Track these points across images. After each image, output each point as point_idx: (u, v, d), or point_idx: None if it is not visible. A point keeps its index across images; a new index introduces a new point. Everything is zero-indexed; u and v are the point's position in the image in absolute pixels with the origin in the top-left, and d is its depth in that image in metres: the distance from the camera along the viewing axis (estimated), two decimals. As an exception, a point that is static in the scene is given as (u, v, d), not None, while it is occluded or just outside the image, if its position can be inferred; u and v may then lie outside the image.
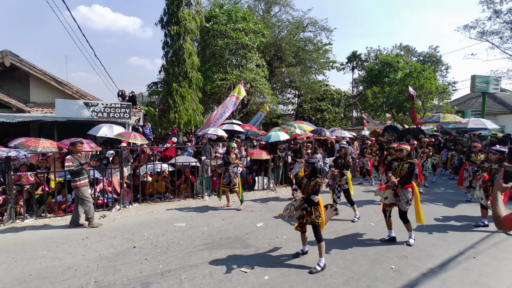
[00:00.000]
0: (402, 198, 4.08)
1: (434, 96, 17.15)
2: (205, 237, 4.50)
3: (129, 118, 9.95)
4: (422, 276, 3.25)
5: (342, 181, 5.27)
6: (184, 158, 7.61)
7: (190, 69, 9.85)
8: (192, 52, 9.96)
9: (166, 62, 10.14)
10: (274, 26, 21.70)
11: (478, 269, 3.41)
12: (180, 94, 9.62)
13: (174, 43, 9.66)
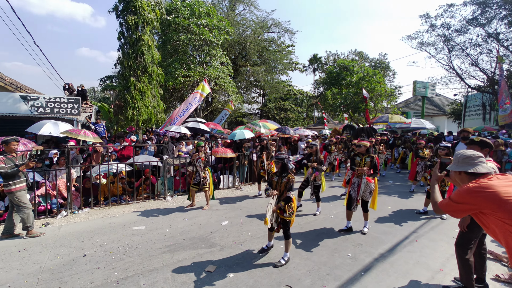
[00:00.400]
0: (366, 188, 4.40)
1: (384, 99, 18.96)
2: (167, 239, 4.28)
3: (78, 114, 8.98)
4: (374, 261, 3.54)
5: (317, 177, 5.48)
6: (144, 157, 7.15)
7: (150, 63, 9.26)
8: (152, 45, 9.36)
9: (123, 54, 9.37)
10: (238, 24, 21.66)
11: (419, 250, 3.84)
12: (138, 89, 8.97)
13: (132, 34, 8.97)
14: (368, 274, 3.22)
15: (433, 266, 3.39)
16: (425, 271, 3.28)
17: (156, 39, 17.68)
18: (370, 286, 2.98)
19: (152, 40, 9.45)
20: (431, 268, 3.36)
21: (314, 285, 3.00)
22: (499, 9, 14.08)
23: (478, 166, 1.85)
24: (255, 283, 3.03)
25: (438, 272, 3.27)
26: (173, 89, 15.89)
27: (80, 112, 9.29)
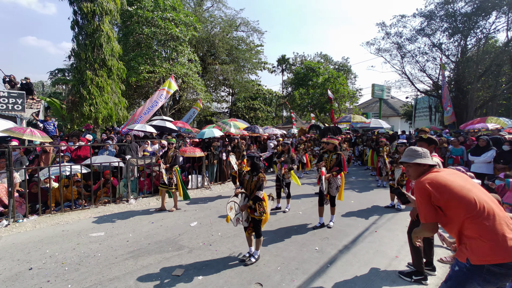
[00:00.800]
0: (333, 184, 4.58)
1: (346, 100, 20.15)
2: (129, 245, 4.00)
3: (23, 110, 7.96)
4: (339, 253, 3.73)
5: (286, 175, 5.56)
6: (104, 158, 6.61)
7: (109, 57, 8.54)
8: (112, 37, 8.65)
9: (78, 45, 8.51)
10: (206, 21, 21.18)
11: (378, 240, 4.15)
12: (96, 84, 8.22)
13: (88, 24, 8.18)
14: (333, 266, 3.38)
15: (390, 254, 3.69)
16: (384, 259, 3.55)
17: (116, 30, 16.50)
18: (336, 276, 3.12)
19: (112, 32, 8.74)
20: (389, 255, 3.65)
21: (283, 280, 3.05)
22: (441, 22, 15.86)
23: (420, 159, 2.12)
24: (225, 284, 2.98)
25: (394, 259, 3.56)
26: (137, 85, 14.95)
27: (25, 108, 8.23)
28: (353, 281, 3.04)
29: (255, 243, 3.51)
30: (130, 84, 13.97)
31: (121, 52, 9.57)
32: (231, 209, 3.34)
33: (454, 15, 15.05)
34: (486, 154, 5.99)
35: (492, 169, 5.92)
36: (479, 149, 6.21)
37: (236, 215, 3.40)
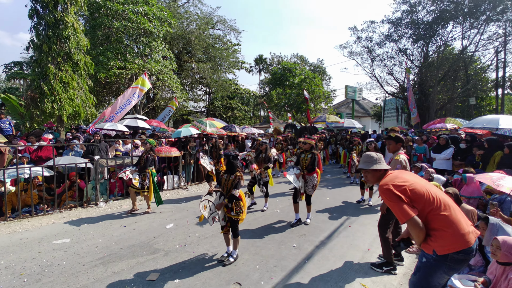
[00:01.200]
0: (309, 183, 4.67)
1: (322, 100, 20.82)
2: (99, 251, 3.75)
3: (-28, 107, 7.09)
4: (316, 248, 3.84)
5: (263, 174, 5.57)
6: (69, 158, 6.13)
7: (75, 50, 7.92)
8: (78, 29, 8.03)
9: (37, 36, 7.77)
10: (182, 17, 20.57)
11: (352, 235, 4.33)
12: (60, 79, 7.58)
13: (50, 14, 7.50)
14: (310, 261, 3.46)
15: (363, 247, 3.87)
16: (357, 252, 3.71)
17: (83, 23, 15.41)
18: (313, 272, 3.20)
19: (78, 24, 8.11)
20: (361, 249, 3.82)
21: (262, 278, 3.06)
22: (406, 28, 17.02)
23: (376, 165, 2.23)
24: (203, 285, 2.92)
25: (367, 251, 3.74)
26: (106, 81, 14.07)
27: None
28: (329, 275, 3.14)
29: (233, 242, 3.48)
30: (98, 80, 13.10)
31: (89, 45, 8.93)
32: (205, 208, 3.32)
33: (417, 23, 16.22)
34: (446, 152, 6.53)
35: (451, 165, 6.47)
36: (439, 147, 6.74)
37: (211, 214, 3.36)
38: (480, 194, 4.10)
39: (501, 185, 3.11)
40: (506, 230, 2.62)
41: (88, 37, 10.94)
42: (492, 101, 18.72)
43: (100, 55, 12.52)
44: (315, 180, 4.72)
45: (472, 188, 4.14)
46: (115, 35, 13.07)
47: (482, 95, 18.76)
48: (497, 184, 3.15)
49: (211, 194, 3.43)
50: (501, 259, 2.24)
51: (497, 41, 14.82)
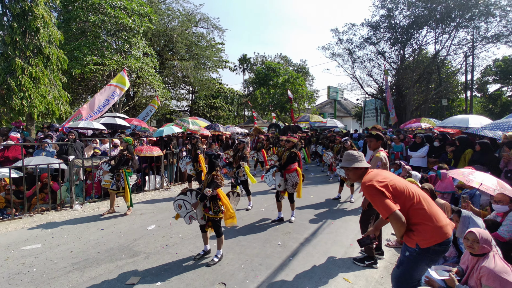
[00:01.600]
0: (289, 181, 4.69)
1: (305, 100, 21.18)
2: (74, 256, 3.54)
3: None
4: (301, 246, 3.87)
5: (240, 173, 5.52)
6: (41, 159, 5.75)
7: (46, 44, 7.42)
8: (49, 22, 7.52)
9: (1, 27, 7.20)
10: (163, 13, 20.00)
11: (335, 231, 4.42)
12: (29, 74, 7.07)
13: (17, 4, 6.96)
14: (295, 258, 3.48)
15: (346, 243, 3.96)
16: (340, 248, 3.79)
17: (55, 15, 14.53)
18: (298, 268, 3.23)
19: (49, 16, 7.60)
20: (344, 244, 3.91)
21: (247, 277, 3.03)
22: (385, 32, 17.75)
23: (357, 163, 2.29)
24: (187, 287, 2.84)
25: (349, 247, 3.83)
26: (82, 78, 13.35)
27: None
28: (313, 271, 3.18)
29: (217, 242, 3.43)
30: (73, 76, 12.41)
31: (62, 39, 8.41)
32: (180, 207, 3.34)
33: (395, 27, 16.95)
34: (421, 150, 6.86)
35: (426, 162, 6.81)
36: (416, 145, 7.08)
37: (188, 213, 3.37)
38: (453, 189, 4.34)
39: (471, 180, 3.31)
40: (476, 222, 2.79)
41: (61, 30, 10.32)
42: (462, 103, 20.01)
43: (75, 50, 11.86)
44: (296, 178, 4.70)
45: (446, 183, 4.38)
46: (91, 29, 12.44)
47: (453, 97, 19.99)
48: (468, 179, 3.34)
49: (186, 194, 3.39)
50: (479, 251, 2.34)
51: (466, 47, 15.86)
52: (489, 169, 4.99)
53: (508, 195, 2.97)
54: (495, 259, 2.27)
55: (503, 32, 14.37)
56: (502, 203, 3.02)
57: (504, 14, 13.99)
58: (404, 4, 16.39)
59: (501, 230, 2.91)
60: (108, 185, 5.22)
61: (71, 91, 13.84)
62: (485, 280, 2.21)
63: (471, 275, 2.41)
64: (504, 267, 2.21)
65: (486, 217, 3.30)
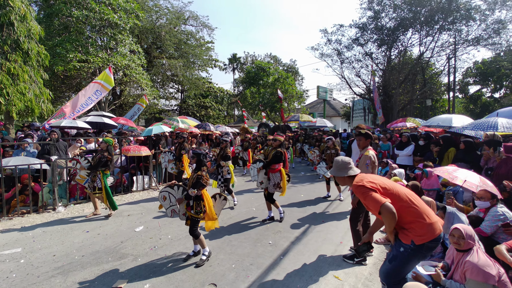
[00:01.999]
0: (272, 181, 4.67)
1: (295, 100, 21.32)
2: (57, 260, 3.39)
3: None
4: (291, 244, 3.88)
5: (224, 171, 5.47)
6: (21, 159, 5.48)
7: (25, 38, 7.08)
8: (28, 15, 7.17)
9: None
10: (151, 10, 19.58)
11: (325, 229, 4.46)
12: (7, 70, 6.72)
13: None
14: (286, 257, 3.48)
15: (336, 241, 4.00)
16: (330, 246, 3.83)
17: (36, 10, 13.93)
18: (289, 267, 3.23)
19: (28, 9, 7.25)
20: (334, 242, 3.95)
21: (238, 277, 3.00)
22: (372, 33, 18.13)
23: (350, 171, 2.35)
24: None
25: (339, 244, 3.87)
26: (65, 75, 12.86)
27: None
28: (303, 269, 3.19)
29: (198, 243, 3.36)
30: (56, 73, 11.92)
31: (43, 34, 8.04)
32: (164, 199, 3.35)
33: (381, 28, 17.34)
34: (407, 149, 7.05)
35: (412, 161, 7.00)
36: (402, 144, 7.26)
37: (171, 206, 3.36)
38: (438, 187, 4.47)
39: (455, 177, 3.41)
40: (461, 218, 2.88)
41: (42, 26, 9.88)
42: (445, 103, 20.75)
43: (57, 46, 11.39)
44: (278, 178, 4.68)
45: (431, 181, 4.51)
46: (74, 25, 11.98)
47: (436, 97, 20.69)
48: (452, 176, 3.45)
49: (172, 188, 3.37)
50: (465, 247, 2.40)
51: (449, 49, 16.44)
52: (472, 166, 5.19)
53: (489, 192, 3.09)
54: (478, 253, 2.34)
55: (482, 36, 14.99)
56: (484, 199, 3.13)
57: (483, 18, 14.61)
58: (390, 7, 16.79)
59: (483, 225, 3.02)
60: (81, 180, 5.05)
61: (54, 89, 13.29)
62: (469, 274, 2.28)
63: (456, 269, 2.48)
64: (486, 261, 2.29)
65: (469, 213, 3.42)
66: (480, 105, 20.85)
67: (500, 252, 2.52)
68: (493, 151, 4.67)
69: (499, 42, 15.14)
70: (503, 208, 3.04)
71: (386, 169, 6.93)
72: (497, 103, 20.05)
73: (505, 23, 14.27)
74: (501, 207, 3.04)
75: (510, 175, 3.89)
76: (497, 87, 21.18)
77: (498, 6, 14.21)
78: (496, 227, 2.96)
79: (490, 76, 20.79)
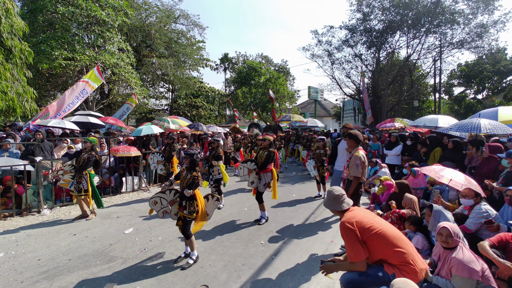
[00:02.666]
0: (262, 180, 4.67)
1: (286, 100, 21.45)
2: (42, 264, 3.28)
3: None
4: (283, 244, 3.89)
5: (215, 171, 5.44)
6: (4, 160, 5.27)
7: (8, 35, 6.81)
8: (11, 11, 6.91)
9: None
10: (140, 8, 19.23)
11: (317, 229, 4.50)
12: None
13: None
14: (278, 257, 3.50)
15: (327, 240, 4.05)
16: (322, 245, 3.87)
17: (19, 5, 13.43)
18: (281, 267, 3.24)
19: (11, 4, 6.98)
20: (326, 241, 4.00)
21: (230, 278, 2.99)
22: (361, 35, 18.47)
23: (343, 204, 2.33)
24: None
25: (330, 243, 3.92)
26: (51, 73, 12.45)
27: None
28: (295, 268, 3.21)
29: (188, 244, 3.33)
30: (41, 71, 11.53)
31: (27, 30, 7.76)
32: (155, 203, 3.33)
33: (370, 30, 17.68)
34: (396, 148, 7.21)
35: (400, 160, 7.17)
36: (391, 144, 7.42)
37: (162, 208, 3.35)
38: (425, 185, 4.60)
39: (442, 176, 3.52)
40: (446, 216, 2.97)
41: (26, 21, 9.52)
42: (431, 104, 21.37)
43: (41, 43, 11.02)
44: (269, 178, 4.69)
45: (419, 180, 4.63)
46: (60, 21, 11.61)
47: (423, 98, 21.28)
48: (438, 176, 3.55)
49: (164, 193, 3.34)
50: (453, 245, 2.47)
51: (434, 51, 16.95)
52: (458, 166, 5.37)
53: (473, 190, 3.20)
54: (463, 250, 2.42)
55: (466, 39, 15.55)
56: (468, 197, 3.24)
57: (467, 22, 15.14)
58: (378, 9, 17.15)
59: (468, 222, 3.13)
60: (66, 184, 4.90)
61: (39, 87, 12.86)
62: (455, 270, 2.35)
63: (442, 266, 2.56)
64: (471, 257, 2.37)
65: (454, 211, 3.54)
66: (464, 106, 21.59)
67: (483, 249, 2.61)
68: (476, 150, 4.85)
69: (482, 45, 15.75)
70: (486, 205, 3.16)
71: (375, 168, 7.08)
72: (480, 104, 20.81)
73: (487, 27, 14.85)
74: (484, 205, 3.16)
75: (492, 174, 4.05)
76: (480, 89, 21.99)
77: (481, 11, 14.76)
78: (480, 224, 3.07)
79: (473, 78, 21.57)
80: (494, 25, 14.82)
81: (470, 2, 14.77)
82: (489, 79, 20.95)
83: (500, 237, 2.76)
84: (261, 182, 4.66)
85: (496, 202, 3.65)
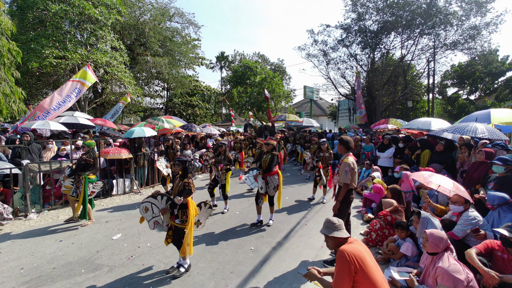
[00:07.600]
0: (271, 184, 4.65)
1: (282, 99, 21.39)
2: (25, 273, 3.20)
3: None
4: (273, 250, 3.86)
5: (222, 176, 5.41)
6: (-13, 164, 5.13)
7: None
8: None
9: None
10: (134, 5, 18.96)
11: (307, 233, 4.48)
12: (-26, 68, 6.27)
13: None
14: (267, 264, 3.47)
15: (317, 245, 4.03)
16: (311, 251, 3.85)
17: (8, 2, 13.14)
18: (269, 275, 3.21)
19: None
20: (316, 247, 3.98)
21: (217, 287, 2.95)
22: (356, 35, 18.48)
23: (341, 231, 2.25)
24: (153, 302, 2.70)
25: (320, 249, 3.90)
26: (41, 72, 12.21)
27: None
28: (284, 276, 3.18)
29: (181, 253, 3.23)
30: (31, 70, 11.29)
31: (15, 29, 7.57)
32: (146, 210, 3.20)
33: (365, 31, 17.70)
34: (388, 151, 7.23)
35: (393, 163, 7.19)
36: (383, 146, 7.44)
37: (154, 217, 3.23)
38: (413, 189, 4.62)
39: (430, 182, 3.52)
40: (434, 223, 2.97)
41: (15, 19, 9.32)
42: (425, 104, 21.53)
43: (31, 41, 10.79)
44: (276, 180, 4.70)
45: (408, 183, 4.64)
46: (51, 19, 11.38)
47: (417, 98, 21.43)
48: (427, 181, 3.56)
49: (156, 197, 3.23)
50: (429, 250, 2.53)
51: (428, 52, 17.04)
52: (446, 167, 5.40)
53: (463, 197, 3.21)
54: (449, 259, 2.43)
55: (459, 40, 15.67)
56: (458, 204, 3.25)
57: (460, 23, 15.26)
58: (373, 9, 17.17)
59: (456, 229, 3.14)
60: (68, 191, 4.80)
61: (29, 87, 12.63)
62: (440, 280, 2.36)
63: (427, 274, 2.56)
64: (456, 266, 2.38)
65: (443, 217, 3.55)
66: (457, 107, 21.80)
67: (470, 257, 2.62)
68: (468, 154, 4.88)
69: (474, 47, 15.88)
70: (474, 212, 3.17)
71: (369, 171, 7.10)
72: (473, 105, 21.05)
73: (479, 29, 14.97)
74: (472, 211, 3.17)
75: (481, 179, 4.07)
76: (473, 90, 22.23)
77: (473, 13, 14.88)
78: (467, 231, 3.08)
79: (466, 79, 21.79)
80: (486, 27, 14.96)
81: (464, 4, 14.87)
82: (481, 80, 21.17)
83: (486, 244, 2.77)
84: (270, 186, 4.64)
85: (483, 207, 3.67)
